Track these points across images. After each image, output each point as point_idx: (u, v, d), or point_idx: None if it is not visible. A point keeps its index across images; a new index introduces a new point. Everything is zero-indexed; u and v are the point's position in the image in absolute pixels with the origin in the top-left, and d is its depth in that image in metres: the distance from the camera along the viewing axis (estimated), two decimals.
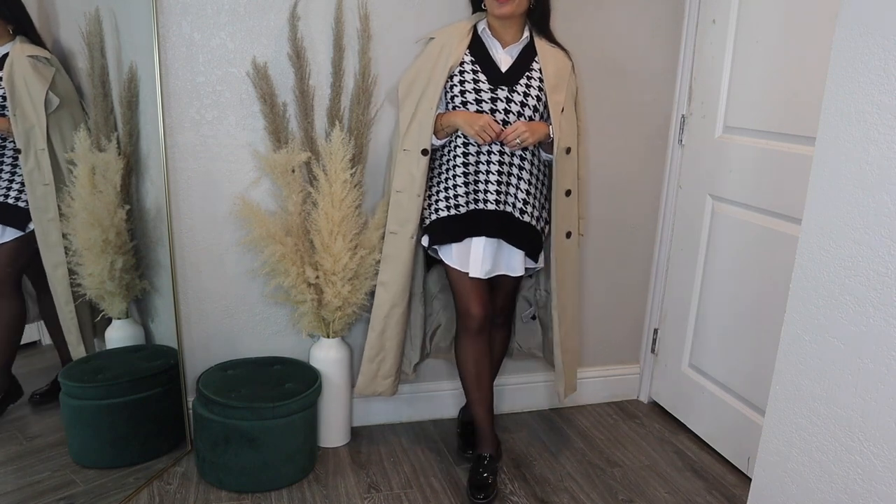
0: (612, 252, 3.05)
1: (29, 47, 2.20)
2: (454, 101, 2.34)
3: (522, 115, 2.31)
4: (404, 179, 2.40)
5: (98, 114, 2.39)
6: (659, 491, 2.56)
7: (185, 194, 2.52)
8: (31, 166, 2.24)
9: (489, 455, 2.51)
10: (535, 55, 2.36)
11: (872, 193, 1.46)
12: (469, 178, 2.35)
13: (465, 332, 2.47)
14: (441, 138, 2.38)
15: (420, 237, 2.46)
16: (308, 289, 2.52)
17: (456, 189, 2.36)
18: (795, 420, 1.69)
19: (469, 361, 2.49)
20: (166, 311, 2.59)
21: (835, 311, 1.57)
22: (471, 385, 2.52)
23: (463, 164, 2.35)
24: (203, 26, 2.40)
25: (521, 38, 2.36)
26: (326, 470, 2.61)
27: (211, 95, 2.46)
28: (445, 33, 2.38)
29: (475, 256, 2.36)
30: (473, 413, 2.57)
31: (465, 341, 2.48)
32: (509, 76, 2.32)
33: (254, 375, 2.59)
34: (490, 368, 2.55)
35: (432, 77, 2.34)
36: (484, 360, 2.49)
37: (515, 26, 2.35)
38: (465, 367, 2.51)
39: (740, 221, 2.61)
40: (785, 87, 2.38)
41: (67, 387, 2.40)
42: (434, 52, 2.36)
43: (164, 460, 2.57)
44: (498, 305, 2.57)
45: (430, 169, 2.42)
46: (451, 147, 2.39)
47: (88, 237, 2.38)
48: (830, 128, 1.56)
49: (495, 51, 2.35)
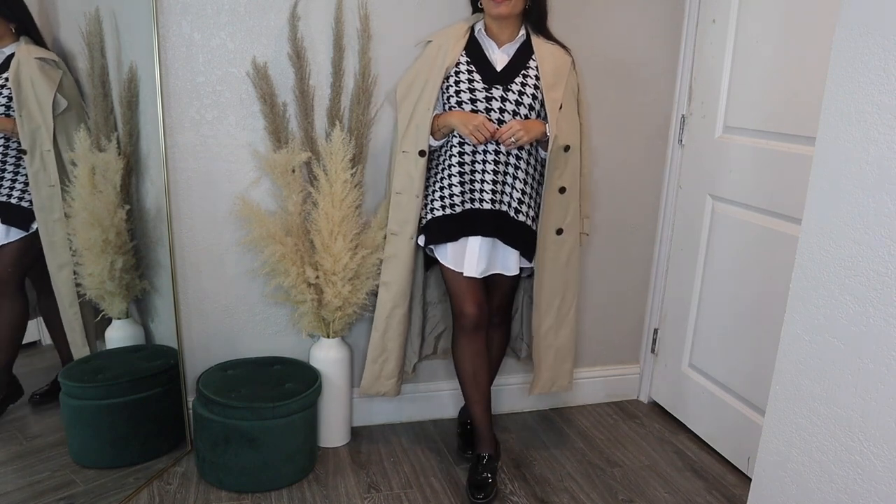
0: (612, 252, 3.05)
1: (36, 49, 2.21)
2: (450, 102, 2.34)
3: (518, 114, 2.31)
4: (403, 180, 2.40)
5: (98, 114, 2.38)
6: (659, 491, 2.56)
7: (185, 194, 2.52)
8: (36, 167, 2.25)
9: (488, 455, 2.51)
10: (532, 53, 2.36)
11: (872, 193, 1.46)
12: (465, 178, 2.35)
13: (461, 331, 2.47)
14: (438, 139, 2.38)
15: (418, 237, 2.46)
16: (308, 289, 2.52)
17: (452, 189, 2.36)
18: (795, 420, 1.69)
19: (465, 360, 2.49)
20: (166, 311, 2.58)
21: (835, 310, 1.57)
22: (468, 384, 2.52)
23: (459, 164, 2.35)
24: (203, 26, 2.40)
25: (518, 36, 2.36)
26: (326, 470, 2.60)
27: (211, 95, 2.46)
28: (443, 35, 2.38)
29: (470, 256, 2.37)
30: (471, 413, 2.57)
31: (462, 340, 2.48)
32: (504, 75, 2.32)
33: (254, 375, 2.58)
34: (487, 368, 2.54)
35: (429, 78, 2.35)
36: (480, 360, 2.49)
37: (512, 26, 2.35)
38: (461, 367, 2.51)
39: (740, 221, 2.61)
40: (785, 87, 2.38)
41: (67, 387, 2.40)
42: (431, 53, 2.38)
43: (164, 460, 2.57)
44: (494, 305, 2.56)
45: (428, 169, 2.42)
46: (448, 147, 2.39)
47: (88, 237, 2.38)
48: (830, 128, 1.56)
49: (491, 51, 2.35)
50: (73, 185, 2.33)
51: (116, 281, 2.49)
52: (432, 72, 2.34)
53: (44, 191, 2.28)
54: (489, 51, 2.35)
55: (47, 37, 2.26)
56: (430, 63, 2.36)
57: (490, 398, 2.57)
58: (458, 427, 2.85)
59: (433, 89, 2.33)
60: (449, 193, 2.37)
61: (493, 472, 2.48)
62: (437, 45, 2.37)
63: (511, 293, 2.63)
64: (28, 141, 2.22)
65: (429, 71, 2.35)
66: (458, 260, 2.39)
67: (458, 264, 2.39)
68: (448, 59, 2.32)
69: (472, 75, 2.32)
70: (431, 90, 2.33)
